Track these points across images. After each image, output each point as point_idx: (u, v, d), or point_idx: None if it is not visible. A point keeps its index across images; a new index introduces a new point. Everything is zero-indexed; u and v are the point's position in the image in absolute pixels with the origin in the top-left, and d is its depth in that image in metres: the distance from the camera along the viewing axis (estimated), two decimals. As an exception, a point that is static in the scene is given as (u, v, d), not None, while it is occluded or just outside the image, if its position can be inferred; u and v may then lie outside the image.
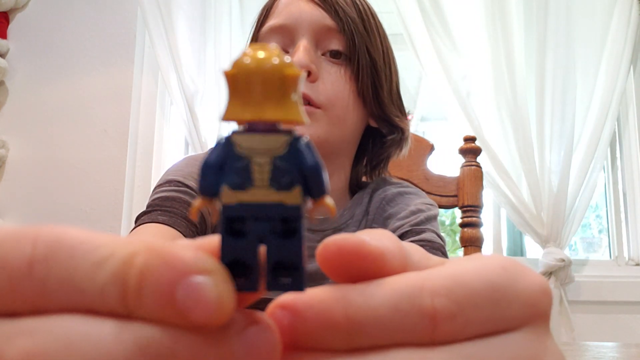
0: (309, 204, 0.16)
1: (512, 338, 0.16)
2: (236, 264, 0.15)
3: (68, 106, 1.76)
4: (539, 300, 0.17)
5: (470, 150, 1.02)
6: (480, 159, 1.03)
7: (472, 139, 1.04)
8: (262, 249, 0.15)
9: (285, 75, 0.15)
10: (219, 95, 1.70)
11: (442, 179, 1.02)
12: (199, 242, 0.16)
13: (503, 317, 0.16)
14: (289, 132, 0.15)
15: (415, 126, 1.72)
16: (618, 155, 1.73)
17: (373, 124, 0.70)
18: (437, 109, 1.70)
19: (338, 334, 0.15)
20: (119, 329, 0.14)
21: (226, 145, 0.15)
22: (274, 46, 0.15)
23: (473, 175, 1.00)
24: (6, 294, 0.14)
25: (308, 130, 0.62)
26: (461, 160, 1.03)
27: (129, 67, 1.76)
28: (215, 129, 1.70)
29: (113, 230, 1.65)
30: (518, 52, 1.61)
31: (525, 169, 1.57)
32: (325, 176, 0.15)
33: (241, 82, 0.15)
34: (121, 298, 0.14)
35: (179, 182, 0.64)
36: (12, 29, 1.80)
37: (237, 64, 0.15)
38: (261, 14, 0.72)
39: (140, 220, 0.61)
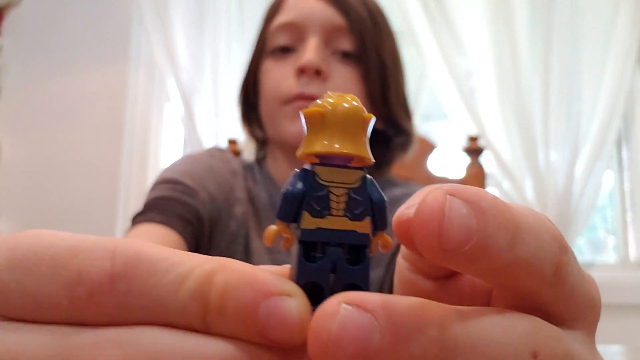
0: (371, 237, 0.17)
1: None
2: (307, 287, 0.15)
3: (63, 105, 1.75)
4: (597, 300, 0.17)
5: (474, 149, 1.00)
6: (483, 159, 1.00)
7: (476, 139, 1.02)
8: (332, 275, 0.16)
9: (364, 118, 0.16)
10: (215, 93, 1.68)
11: (444, 179, 0.99)
12: (271, 268, 0.17)
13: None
14: (361, 169, 0.17)
15: (417, 125, 1.69)
16: (624, 154, 1.70)
17: (379, 125, 0.68)
18: (439, 108, 1.67)
19: (506, 234, 0.14)
20: (205, 343, 0.14)
21: (307, 175, 0.16)
22: (350, 94, 0.17)
23: (476, 175, 0.97)
24: (85, 307, 0.14)
25: None
26: (465, 159, 1.00)
27: (125, 65, 1.75)
28: (212, 127, 1.68)
29: (108, 229, 1.63)
30: (523, 50, 1.59)
31: (529, 168, 1.55)
32: (387, 212, 0.17)
33: (325, 120, 0.16)
34: (201, 314, 0.14)
35: (175, 180, 0.63)
36: (5, 26, 1.77)
37: (321, 105, 0.16)
38: (270, 10, 0.71)
39: (136, 220, 0.60)
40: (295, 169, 0.17)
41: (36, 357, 0.14)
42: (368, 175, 0.17)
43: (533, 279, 0.15)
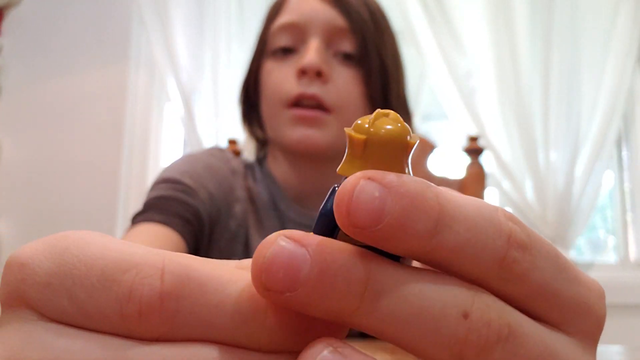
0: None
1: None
2: None
3: (63, 105, 1.75)
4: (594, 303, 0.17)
5: (474, 149, 1.00)
6: (483, 159, 1.00)
7: (476, 139, 1.02)
8: None
9: (406, 144, 0.16)
10: (215, 93, 1.68)
11: (443, 179, 0.99)
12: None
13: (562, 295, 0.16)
14: None
15: (417, 125, 1.69)
16: (624, 154, 1.70)
17: None
18: (439, 107, 1.67)
19: (427, 220, 0.14)
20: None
21: None
22: (395, 114, 0.16)
23: (476, 176, 0.97)
24: (135, 323, 0.14)
25: (320, 136, 0.62)
26: (465, 159, 1.00)
27: (125, 65, 1.75)
28: (212, 127, 1.68)
29: (109, 230, 1.63)
30: (522, 50, 1.59)
31: (529, 168, 1.55)
32: None
33: (367, 147, 0.16)
34: (255, 337, 0.14)
35: (175, 180, 0.63)
36: (5, 26, 1.78)
37: (365, 130, 0.16)
38: (272, 11, 0.71)
39: (136, 219, 0.60)
40: (335, 186, 0.17)
41: None
42: None
43: (472, 269, 0.15)
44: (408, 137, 0.16)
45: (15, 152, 1.74)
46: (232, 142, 1.05)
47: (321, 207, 0.17)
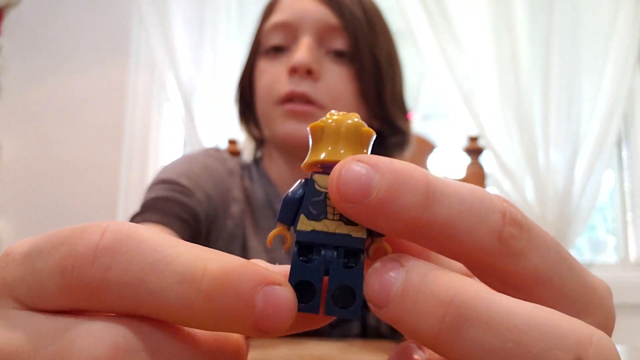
0: (368, 242, 0.17)
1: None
2: (301, 287, 0.16)
3: (63, 104, 1.75)
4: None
5: (474, 149, 0.99)
6: (483, 159, 1.00)
7: (476, 139, 1.01)
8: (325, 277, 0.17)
9: (362, 132, 0.18)
10: (215, 93, 1.68)
11: (444, 179, 0.99)
12: (274, 267, 0.18)
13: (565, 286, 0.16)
14: None
15: (417, 125, 1.69)
16: (624, 154, 1.70)
17: (375, 125, 0.68)
18: (439, 108, 1.67)
19: (416, 194, 0.15)
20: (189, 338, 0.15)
21: (308, 183, 0.17)
22: (353, 113, 0.18)
23: (476, 175, 0.97)
24: (70, 282, 0.14)
25: None
26: (465, 159, 1.00)
27: (125, 64, 1.75)
28: (212, 127, 1.67)
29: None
30: (523, 50, 1.59)
31: (529, 168, 1.54)
32: None
33: (325, 133, 0.18)
34: (188, 299, 0.14)
35: (172, 181, 0.63)
36: (5, 26, 1.77)
37: (323, 121, 0.18)
38: (266, 10, 0.71)
39: (133, 220, 0.60)
40: (300, 179, 0.18)
41: (40, 344, 0.14)
42: None
43: (470, 244, 0.16)
44: (363, 127, 0.18)
45: (15, 152, 1.73)
46: (232, 142, 1.05)
47: (286, 193, 0.18)
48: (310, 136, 0.18)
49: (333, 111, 0.18)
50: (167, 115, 1.83)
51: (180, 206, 0.61)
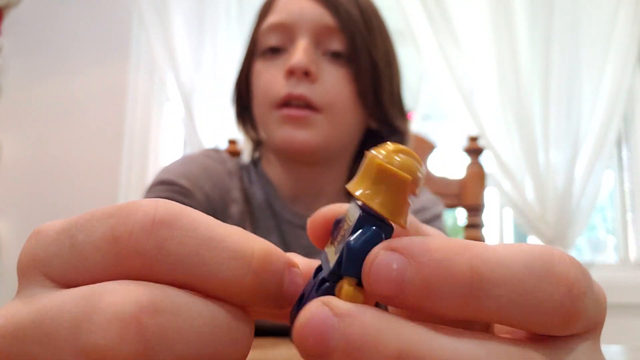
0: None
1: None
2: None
3: (63, 104, 1.75)
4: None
5: (474, 149, 0.99)
6: (483, 159, 1.00)
7: (476, 139, 1.01)
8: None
9: (417, 178, 0.16)
10: (216, 93, 1.68)
11: (443, 179, 0.99)
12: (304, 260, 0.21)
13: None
14: (364, 211, 0.17)
15: (417, 125, 1.69)
16: (624, 154, 1.70)
17: (373, 125, 0.68)
18: (439, 107, 1.67)
19: (457, 287, 0.14)
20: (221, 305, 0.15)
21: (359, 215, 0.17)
22: (411, 152, 0.17)
23: (476, 176, 0.97)
24: (124, 249, 0.15)
25: (308, 136, 0.61)
26: (465, 159, 1.00)
27: (125, 65, 1.75)
28: (212, 127, 1.67)
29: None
30: (522, 49, 1.59)
31: (529, 168, 1.54)
32: (356, 259, 0.16)
33: (382, 170, 0.16)
34: (240, 274, 0.15)
35: (171, 182, 0.63)
36: (5, 26, 1.78)
37: (382, 158, 0.16)
38: (262, 11, 0.70)
39: None
40: (337, 219, 0.19)
41: (66, 303, 0.15)
42: (374, 226, 0.17)
43: (528, 327, 0.15)
44: (419, 173, 0.16)
45: (15, 152, 1.74)
46: (232, 142, 1.05)
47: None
48: (366, 162, 0.17)
49: (398, 145, 0.17)
50: (167, 116, 1.83)
51: None
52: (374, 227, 0.16)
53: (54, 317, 0.14)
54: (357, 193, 0.16)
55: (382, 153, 0.17)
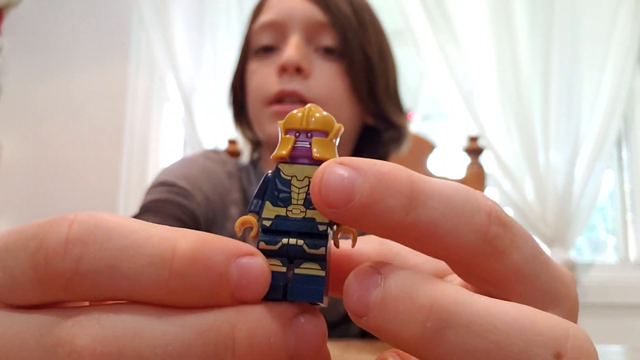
0: (335, 227, 0.17)
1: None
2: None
3: (63, 104, 1.75)
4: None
5: (474, 149, 0.99)
6: (483, 159, 1.00)
7: (476, 139, 1.01)
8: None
9: (330, 123, 0.18)
10: (215, 93, 1.68)
11: (443, 180, 0.99)
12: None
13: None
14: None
15: (417, 125, 1.69)
16: (624, 154, 1.70)
17: (370, 121, 0.68)
18: (439, 108, 1.68)
19: (399, 197, 0.15)
20: (184, 312, 0.14)
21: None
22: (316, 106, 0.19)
23: (476, 175, 0.97)
24: (44, 276, 0.15)
25: None
26: (465, 159, 1.00)
27: (125, 65, 1.75)
28: (212, 127, 1.68)
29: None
30: (522, 49, 1.59)
31: (529, 168, 1.54)
32: None
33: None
34: (162, 280, 0.14)
35: (171, 183, 0.63)
36: (5, 26, 1.78)
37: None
38: (254, 11, 0.70)
39: None
40: (267, 172, 0.18)
41: (26, 341, 0.15)
42: None
43: (455, 245, 0.16)
44: (331, 121, 0.18)
45: (15, 152, 1.74)
46: (233, 142, 1.05)
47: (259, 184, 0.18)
48: (280, 131, 0.18)
49: (309, 106, 0.19)
50: (167, 116, 1.83)
51: (179, 208, 0.61)
52: None
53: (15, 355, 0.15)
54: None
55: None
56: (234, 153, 1.01)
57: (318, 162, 0.17)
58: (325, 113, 0.18)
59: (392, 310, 0.15)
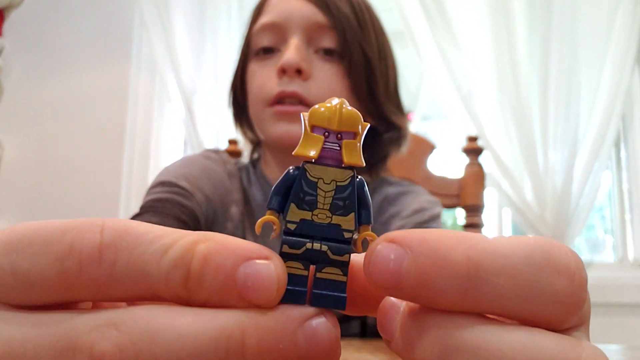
0: (356, 234, 0.17)
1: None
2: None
3: (64, 105, 1.75)
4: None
5: (473, 150, 1.00)
6: (482, 159, 1.01)
7: (475, 139, 1.02)
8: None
9: (358, 122, 0.18)
10: (216, 94, 1.68)
11: (443, 179, 0.99)
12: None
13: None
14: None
15: (417, 125, 1.70)
16: (623, 154, 1.70)
17: (370, 122, 0.68)
18: (438, 108, 1.68)
19: (453, 277, 0.14)
20: (197, 317, 0.15)
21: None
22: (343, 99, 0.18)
23: (475, 176, 0.98)
24: (75, 280, 0.15)
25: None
26: (464, 159, 1.01)
27: (126, 65, 1.75)
28: (212, 128, 1.68)
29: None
30: (521, 50, 1.59)
31: (528, 168, 1.55)
32: (372, 209, 0.18)
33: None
34: (184, 281, 0.15)
35: (171, 183, 0.63)
36: (7, 26, 1.78)
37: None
38: (254, 12, 0.71)
39: None
40: (290, 167, 0.18)
41: (40, 345, 0.15)
42: (358, 176, 0.18)
43: (534, 317, 0.15)
44: (358, 119, 0.18)
45: (15, 152, 1.74)
46: (233, 142, 1.05)
47: (277, 181, 0.18)
48: (305, 125, 0.18)
49: (335, 100, 0.18)
50: (168, 116, 1.83)
51: (179, 208, 0.61)
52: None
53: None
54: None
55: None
56: (234, 153, 1.01)
57: (346, 166, 0.17)
58: (351, 109, 0.18)
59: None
